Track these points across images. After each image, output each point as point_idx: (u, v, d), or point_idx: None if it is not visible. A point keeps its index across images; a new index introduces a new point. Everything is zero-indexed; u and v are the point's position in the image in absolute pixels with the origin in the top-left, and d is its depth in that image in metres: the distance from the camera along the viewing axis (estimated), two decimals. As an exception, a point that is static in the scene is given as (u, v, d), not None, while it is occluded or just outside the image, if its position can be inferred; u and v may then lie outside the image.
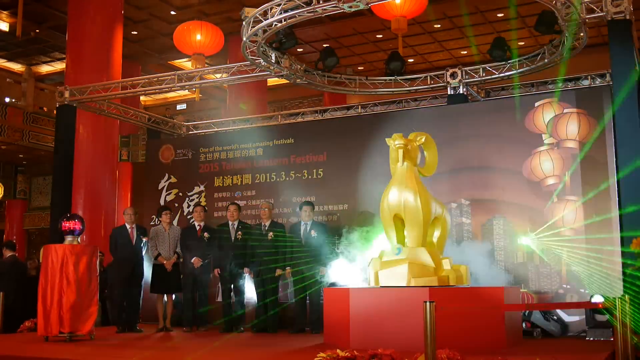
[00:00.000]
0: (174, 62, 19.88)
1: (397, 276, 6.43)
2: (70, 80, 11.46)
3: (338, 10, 7.02)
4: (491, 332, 6.03)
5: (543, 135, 7.99)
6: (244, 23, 7.55)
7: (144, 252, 8.60)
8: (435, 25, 16.85)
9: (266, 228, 8.43)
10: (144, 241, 8.54)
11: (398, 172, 6.72)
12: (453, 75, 9.13)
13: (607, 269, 7.42)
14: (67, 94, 9.76)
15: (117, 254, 8.61)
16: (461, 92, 9.07)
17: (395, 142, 6.68)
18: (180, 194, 10.26)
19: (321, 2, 6.95)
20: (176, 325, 8.80)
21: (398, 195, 6.62)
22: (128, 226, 8.63)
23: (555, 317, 7.28)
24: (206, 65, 13.62)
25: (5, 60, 19.97)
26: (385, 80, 9.91)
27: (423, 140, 6.86)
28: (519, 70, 8.91)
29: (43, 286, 7.05)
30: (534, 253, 7.82)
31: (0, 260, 9.75)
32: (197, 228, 8.79)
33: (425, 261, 6.44)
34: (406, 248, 6.58)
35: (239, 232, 8.51)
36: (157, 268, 8.78)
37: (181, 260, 8.83)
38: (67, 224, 7.26)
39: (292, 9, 7.16)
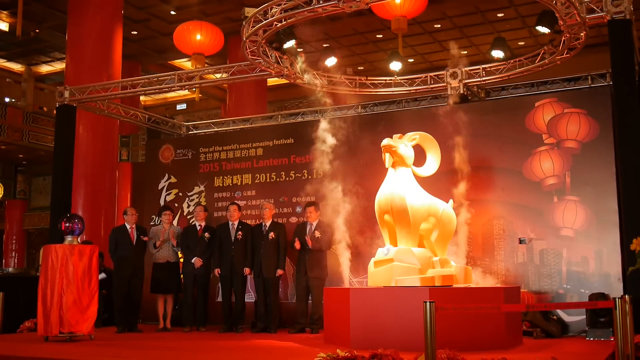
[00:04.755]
0: (174, 62, 19.88)
1: (384, 276, 6.50)
2: (70, 80, 11.46)
3: (338, 10, 7.02)
4: (491, 332, 6.04)
5: (543, 135, 7.98)
6: (244, 23, 7.55)
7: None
8: (435, 25, 16.85)
9: (267, 228, 8.43)
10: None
11: (388, 173, 6.85)
12: (453, 75, 9.13)
13: (607, 269, 7.42)
14: (67, 94, 9.75)
15: (117, 254, 8.61)
16: (461, 92, 9.07)
17: (381, 145, 6.74)
18: (180, 194, 10.26)
19: (321, 2, 6.95)
20: (176, 325, 8.80)
21: (386, 196, 6.68)
22: (128, 226, 8.63)
23: (555, 317, 7.27)
24: (206, 65, 13.63)
25: (5, 60, 19.97)
26: (386, 80, 9.92)
27: (415, 141, 6.87)
28: (518, 70, 8.92)
29: (43, 286, 7.04)
30: (534, 253, 7.81)
31: None
32: (198, 228, 8.79)
33: (410, 262, 6.45)
34: (395, 248, 6.60)
35: (239, 232, 8.51)
36: (158, 268, 8.79)
37: (181, 260, 8.83)
38: (67, 224, 7.26)
39: (292, 9, 7.16)
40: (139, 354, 6.29)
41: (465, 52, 18.72)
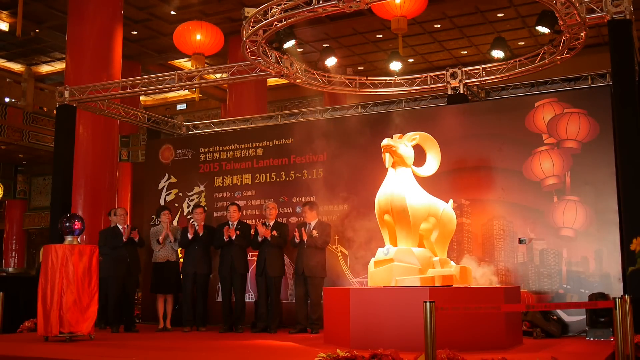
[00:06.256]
0: (174, 62, 19.88)
1: (383, 276, 6.50)
2: (70, 80, 11.46)
3: (338, 10, 7.02)
4: (491, 332, 6.04)
5: (543, 135, 7.99)
6: (244, 23, 7.56)
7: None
8: (435, 25, 16.86)
9: (271, 228, 8.44)
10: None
11: (388, 173, 6.86)
12: (453, 75, 9.14)
13: (607, 269, 7.42)
14: (67, 94, 9.75)
15: (111, 254, 8.59)
16: (461, 92, 9.07)
17: (381, 145, 6.75)
18: (180, 194, 10.26)
19: (321, 2, 6.95)
20: (176, 325, 8.80)
21: (386, 196, 6.69)
22: (120, 226, 8.60)
23: (555, 317, 7.27)
24: (206, 65, 13.63)
25: (5, 60, 19.97)
26: (386, 80, 9.92)
27: (415, 141, 6.87)
28: (518, 70, 8.92)
29: (43, 286, 7.04)
30: (534, 253, 7.82)
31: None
32: (197, 228, 8.79)
33: (410, 262, 6.45)
34: (395, 248, 6.60)
35: (238, 232, 8.50)
36: (158, 267, 8.79)
37: (181, 260, 8.82)
38: (67, 224, 7.26)
39: (292, 9, 7.16)
40: (139, 354, 6.29)
41: (465, 52, 18.75)
